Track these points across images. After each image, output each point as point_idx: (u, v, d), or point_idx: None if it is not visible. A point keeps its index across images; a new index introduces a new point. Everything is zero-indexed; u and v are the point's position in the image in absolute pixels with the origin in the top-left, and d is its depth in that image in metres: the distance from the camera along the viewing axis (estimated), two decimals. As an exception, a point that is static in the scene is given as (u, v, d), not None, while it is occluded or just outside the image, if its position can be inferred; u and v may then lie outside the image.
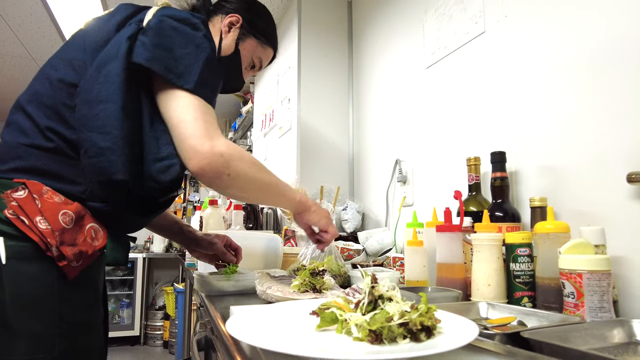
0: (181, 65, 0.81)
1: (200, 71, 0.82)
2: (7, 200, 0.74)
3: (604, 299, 0.66)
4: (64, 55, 0.87)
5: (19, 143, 0.80)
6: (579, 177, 0.93)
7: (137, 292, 4.25)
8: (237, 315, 0.52)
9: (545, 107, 1.03)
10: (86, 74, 0.82)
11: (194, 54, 0.83)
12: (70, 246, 0.76)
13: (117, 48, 0.82)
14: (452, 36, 1.38)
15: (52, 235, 0.74)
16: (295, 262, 1.25)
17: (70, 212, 0.78)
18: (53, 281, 0.75)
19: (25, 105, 0.84)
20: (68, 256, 0.75)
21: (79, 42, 0.88)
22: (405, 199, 1.59)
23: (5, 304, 0.71)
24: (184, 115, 0.79)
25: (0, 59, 3.16)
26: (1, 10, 2.47)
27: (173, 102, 0.80)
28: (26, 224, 0.73)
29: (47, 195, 0.77)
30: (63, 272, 0.76)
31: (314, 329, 0.49)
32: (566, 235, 0.78)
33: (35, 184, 0.77)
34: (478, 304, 0.78)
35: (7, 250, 0.72)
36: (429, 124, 1.50)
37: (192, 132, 0.78)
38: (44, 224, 0.74)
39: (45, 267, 0.75)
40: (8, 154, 0.80)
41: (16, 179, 0.77)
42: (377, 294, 0.48)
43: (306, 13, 2.17)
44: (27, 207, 0.74)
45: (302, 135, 2.06)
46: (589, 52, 0.93)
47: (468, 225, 1.00)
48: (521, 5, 1.12)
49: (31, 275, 0.74)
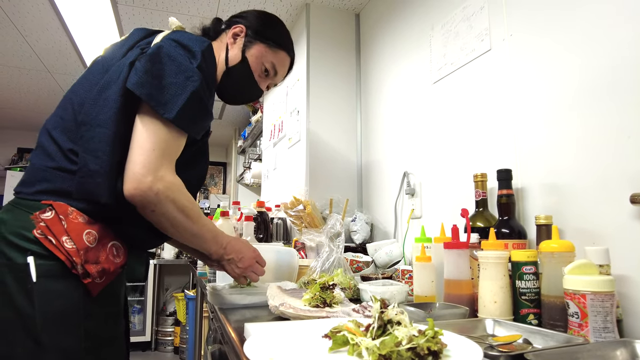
0: (167, 95, 0.82)
1: (185, 103, 0.82)
2: (36, 221, 0.78)
3: (607, 319, 0.68)
4: (84, 81, 0.92)
5: (46, 166, 0.85)
6: (583, 196, 0.95)
7: (148, 298, 4.30)
8: (253, 338, 0.55)
9: (550, 126, 1.05)
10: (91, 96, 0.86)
11: (182, 85, 0.83)
12: (94, 264, 0.80)
13: (119, 72, 0.86)
14: (458, 52, 1.41)
15: (77, 254, 0.78)
16: (306, 274, 1.28)
17: (93, 232, 0.82)
18: (79, 298, 0.80)
19: (51, 130, 0.88)
20: (92, 274, 0.79)
21: (98, 68, 0.93)
22: (414, 212, 1.62)
23: (36, 319, 0.75)
24: (144, 142, 0.80)
25: (17, 71, 3.26)
26: (19, 25, 2.55)
27: (144, 126, 0.82)
28: (53, 244, 0.78)
29: (72, 216, 0.81)
30: (87, 289, 0.80)
31: (327, 351, 0.52)
32: (571, 255, 0.80)
33: (61, 205, 0.81)
34: (484, 321, 0.80)
35: (37, 269, 0.76)
36: (436, 138, 1.53)
37: (141, 160, 0.79)
38: (70, 244, 0.78)
39: (72, 285, 0.79)
40: (35, 176, 0.85)
41: (44, 200, 0.82)
42: (386, 319, 0.51)
43: (314, 26, 2.21)
44: (54, 228, 0.78)
45: (311, 147, 2.09)
46: (594, 72, 0.95)
47: (475, 241, 1.02)
48: (526, 24, 1.14)
49: (59, 293, 0.78)
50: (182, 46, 0.87)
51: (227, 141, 5.21)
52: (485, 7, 1.30)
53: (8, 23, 2.52)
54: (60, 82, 3.48)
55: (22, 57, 3.00)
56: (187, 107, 0.82)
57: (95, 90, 0.86)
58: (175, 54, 0.85)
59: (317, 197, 1.92)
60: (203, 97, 0.86)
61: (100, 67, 0.92)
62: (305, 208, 1.73)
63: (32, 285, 0.76)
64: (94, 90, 0.87)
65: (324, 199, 1.85)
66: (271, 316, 0.92)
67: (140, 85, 0.81)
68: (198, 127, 0.89)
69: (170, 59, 0.84)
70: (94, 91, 0.87)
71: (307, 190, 1.98)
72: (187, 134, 0.87)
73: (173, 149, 0.84)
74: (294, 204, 1.78)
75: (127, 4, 2.30)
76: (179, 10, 2.35)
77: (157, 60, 0.83)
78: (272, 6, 2.27)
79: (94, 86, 0.88)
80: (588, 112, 0.96)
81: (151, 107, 0.81)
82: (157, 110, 0.81)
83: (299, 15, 2.35)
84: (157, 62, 0.83)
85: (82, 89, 0.90)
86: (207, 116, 0.91)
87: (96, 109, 0.84)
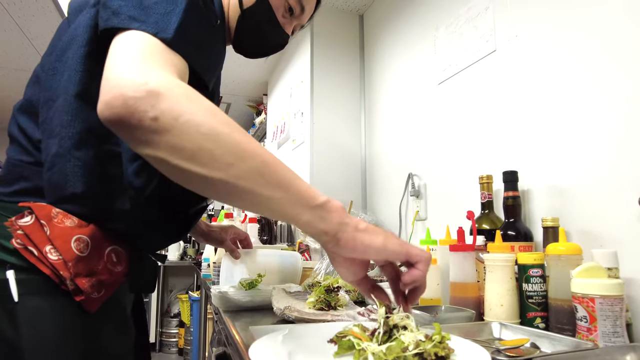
0: (154, 14, 0.56)
1: (181, 19, 0.58)
2: (13, 228, 0.62)
3: (617, 323, 0.67)
4: (50, 50, 0.72)
5: (21, 161, 0.69)
6: (590, 198, 0.94)
7: (153, 300, 4.31)
8: (258, 341, 0.55)
9: (557, 127, 1.04)
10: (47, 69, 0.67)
11: (170, 1, 0.59)
12: (87, 277, 0.65)
13: (80, 23, 0.65)
14: (463, 53, 1.40)
15: (65, 267, 0.63)
16: (310, 277, 1.28)
17: (84, 237, 0.66)
18: (74, 317, 0.64)
19: (18, 117, 0.70)
20: (84, 289, 0.64)
21: (60, 30, 0.72)
22: (418, 214, 1.61)
23: (22, 349, 0.60)
24: (125, 51, 0.52)
25: (23, 74, 3.28)
26: (25, 28, 2.57)
27: (121, 42, 0.54)
28: (35, 256, 0.62)
29: (57, 219, 0.64)
30: (83, 306, 0.65)
31: (332, 356, 0.52)
32: (578, 257, 0.79)
33: (43, 207, 0.64)
34: (491, 324, 0.79)
35: (18, 285, 0.61)
36: (441, 139, 1.52)
37: (120, 61, 0.51)
38: (55, 255, 0.63)
39: (63, 302, 0.64)
40: (12, 173, 0.69)
41: (21, 202, 0.65)
42: (391, 324, 0.50)
43: (318, 28, 2.21)
44: (35, 236, 0.62)
45: (315, 148, 2.09)
46: (601, 73, 0.94)
47: (481, 244, 1.01)
48: (532, 25, 1.14)
49: (48, 313, 0.62)
50: None
51: (231, 143, 5.21)
52: (490, 7, 1.29)
53: (14, 26, 2.54)
54: (65, 85, 3.51)
55: (27, 60, 3.02)
56: (184, 23, 0.58)
57: (54, 55, 0.67)
58: None
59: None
60: (204, 13, 0.64)
61: (62, 27, 0.72)
62: (310, 210, 1.72)
63: (14, 305, 0.61)
64: (52, 56, 0.68)
65: (328, 201, 1.84)
66: (275, 319, 0.92)
67: (115, 15, 0.56)
68: (205, 58, 0.64)
69: None
70: (52, 57, 0.68)
71: (311, 191, 1.97)
72: (189, 62, 0.59)
73: (169, 58, 0.55)
74: (298, 206, 1.77)
75: (132, 6, 2.31)
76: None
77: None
78: (275, 8, 2.27)
79: (54, 51, 0.69)
80: (595, 113, 0.95)
81: (135, 29, 0.55)
82: (145, 31, 0.55)
83: (303, 17, 2.35)
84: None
85: (45, 59, 0.71)
86: (214, 41, 0.69)
87: (56, 78, 0.66)
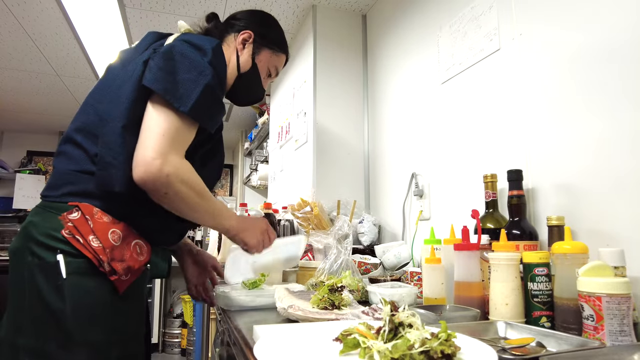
0: (181, 89, 0.84)
1: (199, 96, 0.85)
2: (64, 221, 0.82)
3: (624, 322, 0.66)
4: (101, 85, 0.96)
5: (70, 170, 0.89)
6: (596, 196, 0.94)
7: (156, 300, 4.32)
8: (263, 340, 0.55)
9: (562, 125, 1.04)
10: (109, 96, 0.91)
11: (195, 80, 0.86)
12: (120, 262, 0.84)
13: (132, 71, 0.89)
14: (467, 52, 1.40)
15: (104, 252, 0.82)
16: (314, 276, 1.27)
17: (118, 231, 0.86)
18: (106, 294, 0.83)
19: (74, 136, 0.92)
20: (118, 271, 0.83)
21: (113, 72, 0.97)
22: (422, 213, 1.60)
23: (67, 315, 0.79)
24: (154, 127, 0.82)
25: (27, 75, 3.29)
26: (29, 29, 2.58)
27: (156, 113, 0.84)
28: (81, 243, 0.81)
29: (97, 216, 0.85)
30: (114, 286, 0.84)
31: (337, 354, 0.51)
32: (584, 256, 0.78)
33: (87, 206, 0.85)
34: (496, 324, 0.79)
35: (67, 266, 0.80)
36: (444, 139, 1.51)
37: (149, 144, 0.81)
38: (96, 242, 0.82)
39: (100, 282, 0.83)
40: (61, 180, 0.89)
41: (70, 202, 0.85)
42: (397, 322, 0.50)
43: (321, 28, 2.21)
44: (81, 227, 0.82)
45: (318, 149, 2.09)
46: (607, 71, 0.93)
47: (486, 243, 1.00)
48: (536, 23, 1.13)
49: (88, 289, 0.82)
50: (193, 45, 0.91)
51: (234, 143, 5.21)
52: (494, 6, 1.29)
53: (18, 27, 2.55)
54: (68, 85, 3.51)
55: (31, 61, 3.03)
56: (201, 100, 0.85)
57: (112, 90, 0.91)
58: (187, 51, 0.88)
59: (324, 198, 1.91)
60: (215, 90, 0.89)
61: (116, 70, 0.96)
62: (313, 210, 1.72)
63: (63, 281, 0.79)
64: (111, 90, 0.91)
65: (331, 201, 1.84)
66: (279, 318, 0.92)
67: (156, 81, 0.84)
68: (212, 120, 0.92)
69: (183, 56, 0.87)
70: (111, 91, 0.91)
71: (314, 191, 1.97)
72: (200, 125, 0.89)
73: (183, 137, 0.86)
74: (301, 206, 1.77)
75: (135, 7, 2.31)
76: (186, 12, 2.36)
77: (170, 58, 0.87)
78: (278, 8, 2.27)
79: (111, 87, 0.92)
80: (601, 111, 0.94)
81: (166, 100, 0.83)
82: (172, 103, 0.83)
83: (306, 17, 2.35)
84: (170, 59, 0.87)
85: (99, 93, 0.95)
86: (220, 109, 0.95)
87: (111, 106, 0.88)
